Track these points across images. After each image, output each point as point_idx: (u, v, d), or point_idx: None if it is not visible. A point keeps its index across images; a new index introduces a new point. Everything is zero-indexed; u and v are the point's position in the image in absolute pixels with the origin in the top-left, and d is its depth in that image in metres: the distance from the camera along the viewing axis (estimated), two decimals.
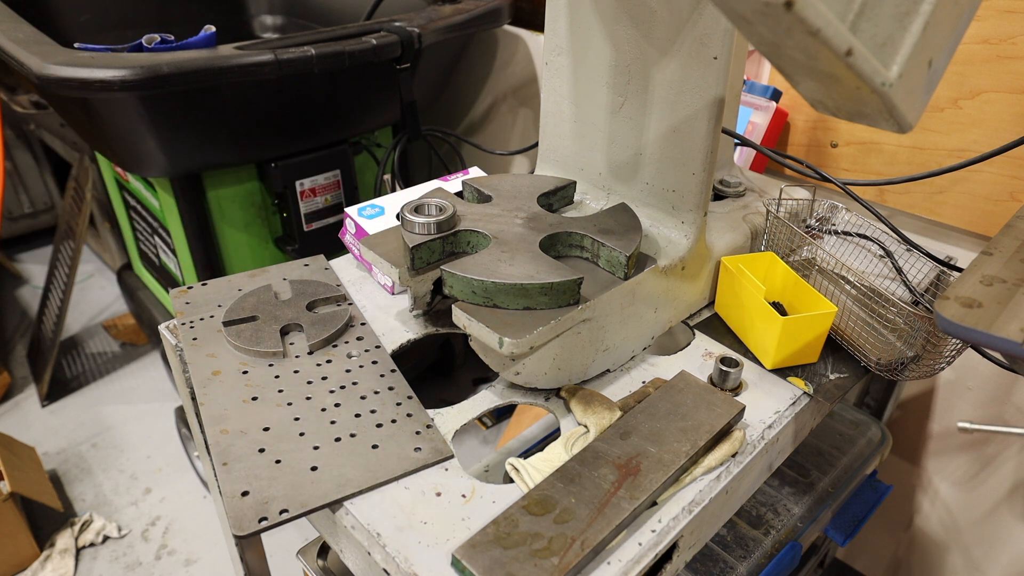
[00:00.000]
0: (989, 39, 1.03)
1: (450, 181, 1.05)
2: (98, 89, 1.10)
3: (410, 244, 0.77)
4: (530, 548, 0.59)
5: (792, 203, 1.01)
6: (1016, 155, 1.03)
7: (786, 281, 0.90)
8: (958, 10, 0.47)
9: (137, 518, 1.75)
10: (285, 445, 0.70)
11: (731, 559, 1.01)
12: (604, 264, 0.80)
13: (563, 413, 0.78)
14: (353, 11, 1.87)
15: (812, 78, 0.47)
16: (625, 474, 0.66)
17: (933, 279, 1.01)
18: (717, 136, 0.81)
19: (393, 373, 0.81)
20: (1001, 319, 0.51)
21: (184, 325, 0.87)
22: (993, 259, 0.61)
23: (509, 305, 0.73)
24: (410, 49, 1.37)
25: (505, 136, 1.87)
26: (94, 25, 1.81)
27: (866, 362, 0.85)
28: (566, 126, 0.95)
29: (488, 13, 1.54)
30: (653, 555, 0.63)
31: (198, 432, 0.92)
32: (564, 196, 0.94)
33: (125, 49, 1.21)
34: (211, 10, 1.97)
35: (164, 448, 1.94)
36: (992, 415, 1.21)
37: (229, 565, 1.63)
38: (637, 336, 0.85)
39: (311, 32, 1.32)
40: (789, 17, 0.40)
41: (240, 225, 1.53)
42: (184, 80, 1.14)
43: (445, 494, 0.67)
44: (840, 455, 1.17)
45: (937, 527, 1.37)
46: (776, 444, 0.78)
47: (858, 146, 1.22)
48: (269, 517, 0.63)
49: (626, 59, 0.83)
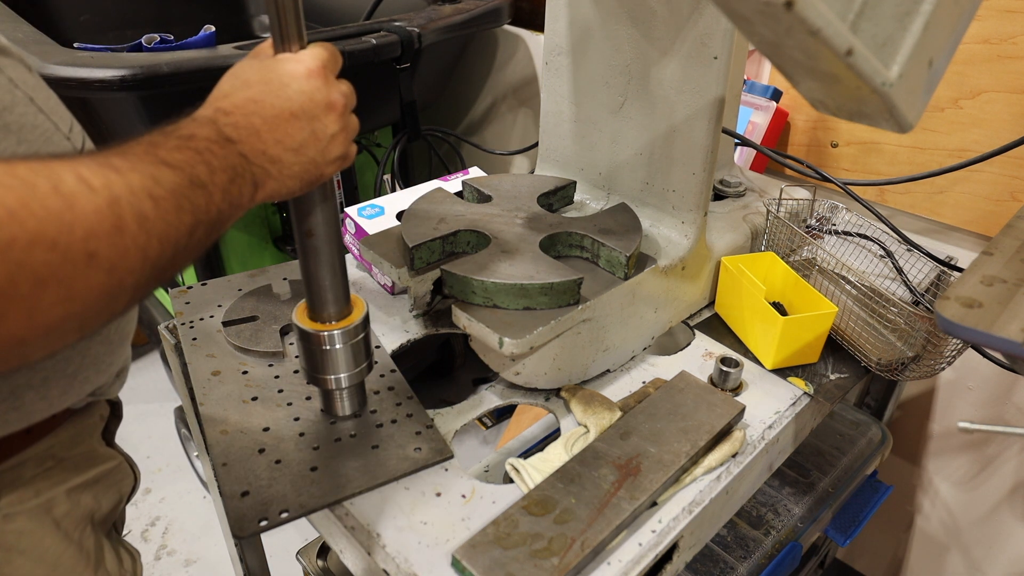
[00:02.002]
0: (989, 39, 1.02)
1: (450, 181, 1.05)
2: (98, 89, 1.10)
3: (410, 244, 0.76)
4: (530, 548, 0.59)
5: (792, 203, 1.01)
6: (1016, 155, 1.03)
7: (786, 281, 0.90)
8: (958, 10, 0.47)
9: (137, 518, 1.75)
10: (285, 445, 0.70)
11: (731, 559, 1.01)
12: (604, 264, 0.80)
13: (563, 413, 0.78)
14: (353, 11, 1.86)
15: (812, 78, 0.47)
16: (625, 474, 0.66)
17: (933, 279, 1.01)
18: (717, 136, 0.81)
19: (393, 373, 0.80)
20: (1001, 319, 0.51)
21: (184, 325, 0.87)
22: (993, 259, 0.61)
23: (509, 305, 0.73)
24: (410, 49, 1.37)
25: (505, 136, 1.87)
26: (94, 25, 1.81)
27: (866, 362, 0.85)
28: (566, 126, 0.95)
29: (488, 13, 1.54)
30: (653, 555, 0.63)
31: (198, 432, 0.92)
32: (564, 196, 0.94)
33: (125, 49, 1.21)
34: (211, 10, 1.97)
35: (164, 448, 1.94)
36: (992, 415, 1.21)
37: (229, 565, 1.63)
38: (637, 336, 0.85)
39: (311, 32, 1.32)
40: (789, 17, 0.40)
41: (240, 225, 1.53)
42: (184, 80, 1.14)
43: (445, 494, 0.67)
44: (840, 455, 1.17)
45: (937, 527, 1.36)
46: (776, 444, 0.77)
47: (858, 146, 1.21)
48: (269, 517, 0.63)
49: (626, 59, 0.83)
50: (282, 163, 0.52)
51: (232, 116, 0.50)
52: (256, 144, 0.50)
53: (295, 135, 0.52)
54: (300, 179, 0.54)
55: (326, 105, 0.54)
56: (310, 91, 0.53)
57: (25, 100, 0.53)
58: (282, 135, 0.52)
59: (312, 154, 0.54)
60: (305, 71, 0.53)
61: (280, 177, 0.52)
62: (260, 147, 0.50)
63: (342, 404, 0.72)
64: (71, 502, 0.61)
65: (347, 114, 0.57)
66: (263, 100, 0.51)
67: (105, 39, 1.73)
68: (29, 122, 0.53)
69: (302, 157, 0.53)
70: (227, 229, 0.50)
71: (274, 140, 0.51)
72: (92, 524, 0.64)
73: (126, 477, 0.70)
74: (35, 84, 0.56)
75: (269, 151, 0.51)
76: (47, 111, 0.55)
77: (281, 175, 0.52)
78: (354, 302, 0.68)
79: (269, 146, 0.51)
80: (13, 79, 0.53)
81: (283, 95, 0.52)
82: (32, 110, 0.53)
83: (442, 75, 1.72)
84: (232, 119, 0.50)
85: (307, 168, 0.54)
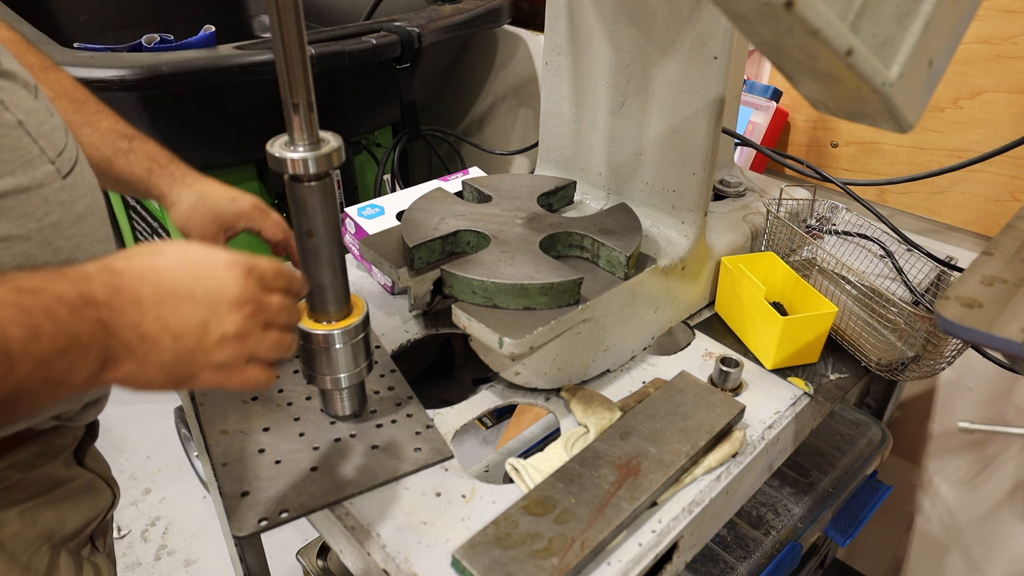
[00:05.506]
0: (989, 39, 1.02)
1: (450, 181, 1.05)
2: (98, 89, 1.09)
3: (410, 244, 0.76)
4: (530, 548, 0.59)
5: (792, 203, 1.01)
6: (1016, 155, 1.03)
7: (786, 281, 0.90)
8: (958, 10, 0.47)
9: (137, 518, 1.75)
10: (285, 445, 0.70)
11: (731, 559, 1.01)
12: (604, 264, 0.80)
13: (563, 413, 0.78)
14: (353, 11, 1.86)
15: (813, 78, 0.47)
16: (625, 474, 0.66)
17: (934, 279, 1.01)
18: (717, 136, 0.81)
19: (393, 373, 0.81)
20: (1002, 319, 0.51)
21: None
22: (994, 259, 0.61)
23: (509, 305, 0.73)
24: (410, 49, 1.37)
25: (505, 136, 1.87)
26: (94, 25, 1.81)
27: (866, 362, 0.85)
28: (566, 126, 0.95)
29: (488, 13, 1.54)
30: (653, 555, 0.63)
31: (198, 432, 0.92)
32: (564, 196, 0.94)
33: (125, 49, 1.21)
34: (211, 10, 1.97)
35: (164, 448, 1.93)
36: (992, 415, 1.21)
37: (229, 565, 1.63)
38: (637, 336, 0.85)
39: (311, 32, 1.32)
40: (789, 17, 0.40)
41: None
42: (184, 80, 1.14)
43: (445, 494, 0.67)
44: (840, 455, 1.17)
45: (937, 527, 1.36)
46: (776, 444, 0.77)
47: (858, 146, 1.21)
48: (269, 517, 0.63)
49: (626, 59, 0.83)
50: (154, 345, 0.46)
51: (120, 277, 0.45)
52: (132, 315, 0.45)
53: (182, 319, 0.46)
54: (168, 372, 0.47)
55: (233, 302, 0.48)
56: (223, 280, 0.48)
57: (12, 123, 0.52)
58: (168, 314, 0.46)
59: (191, 347, 0.47)
60: (227, 261, 0.49)
61: (144, 361, 0.45)
62: (135, 319, 0.45)
63: (342, 404, 0.72)
64: (25, 522, 0.59)
65: (257, 328, 0.50)
66: (167, 271, 0.47)
67: (105, 39, 1.73)
68: (11, 144, 0.52)
69: (179, 346, 0.46)
70: (41, 408, 0.44)
71: (156, 316, 0.45)
72: (50, 543, 0.61)
73: (101, 494, 0.68)
74: (32, 108, 0.55)
75: (144, 327, 0.45)
76: (36, 136, 0.54)
77: (147, 359, 0.45)
78: (354, 302, 0.68)
79: (147, 322, 0.45)
80: (5, 101, 0.52)
81: (191, 273, 0.47)
82: (18, 133, 0.53)
83: (442, 75, 1.72)
84: (117, 280, 0.45)
85: (180, 360, 0.47)
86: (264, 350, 0.51)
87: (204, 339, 0.47)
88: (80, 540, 0.66)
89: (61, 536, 0.63)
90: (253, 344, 0.50)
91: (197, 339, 0.47)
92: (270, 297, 0.51)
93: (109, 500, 0.70)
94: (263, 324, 0.50)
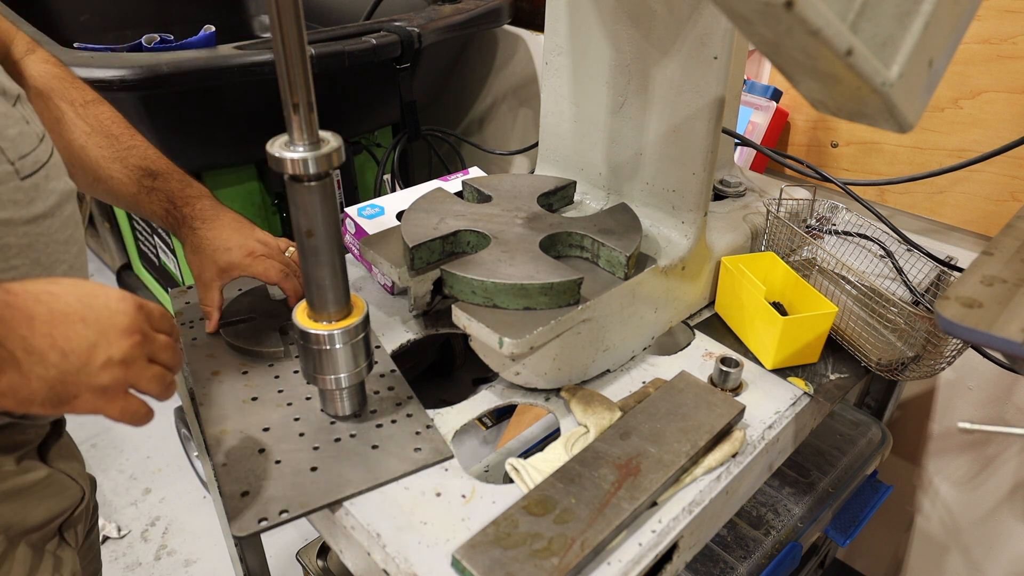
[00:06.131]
0: (989, 39, 1.02)
1: (450, 181, 1.05)
2: (98, 89, 1.09)
3: (410, 244, 0.76)
4: (530, 548, 0.59)
5: (792, 203, 1.01)
6: (1016, 155, 1.03)
7: (786, 281, 0.90)
8: (958, 10, 0.47)
9: (137, 518, 1.75)
10: (285, 445, 0.70)
11: (731, 559, 1.01)
12: (604, 264, 0.80)
13: (563, 413, 0.78)
14: (353, 11, 1.86)
15: (813, 78, 0.47)
16: (625, 474, 0.66)
17: (934, 279, 1.01)
18: (717, 136, 0.81)
19: (393, 373, 0.81)
20: (1002, 319, 0.51)
21: (184, 325, 0.87)
22: (994, 259, 0.61)
23: (509, 305, 0.73)
24: (410, 49, 1.37)
25: (505, 136, 1.87)
26: (94, 25, 1.81)
27: (866, 362, 0.85)
28: (566, 126, 0.95)
29: (488, 13, 1.54)
30: (653, 555, 0.63)
31: (198, 432, 0.92)
32: (564, 196, 0.94)
33: (125, 49, 1.21)
34: (211, 10, 1.97)
35: (164, 448, 1.93)
36: (992, 415, 1.21)
37: (229, 565, 1.63)
38: (637, 336, 0.85)
39: (311, 32, 1.32)
40: (789, 17, 0.40)
41: None
42: (184, 80, 1.14)
43: (445, 494, 0.67)
44: (840, 455, 1.17)
45: (937, 527, 1.36)
46: (776, 444, 0.77)
47: (858, 146, 1.21)
48: (269, 517, 0.63)
49: (626, 59, 0.83)
50: (40, 360, 0.47)
51: (14, 296, 0.47)
52: (21, 329, 0.47)
53: (72, 338, 0.48)
54: (49, 388, 0.48)
55: (124, 329, 0.50)
56: (115, 309, 0.51)
57: None
58: (58, 333, 0.48)
59: (77, 366, 0.49)
60: (120, 295, 0.52)
61: (28, 374, 0.47)
62: (24, 333, 0.47)
63: (342, 404, 0.72)
64: None
65: (142, 358, 0.52)
66: (61, 295, 0.49)
67: (105, 39, 1.73)
68: None
69: (65, 364, 0.48)
70: None
71: (46, 333, 0.48)
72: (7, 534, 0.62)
73: (66, 490, 0.69)
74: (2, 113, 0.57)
75: (33, 341, 0.47)
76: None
77: (30, 372, 0.47)
78: (354, 302, 0.68)
79: (36, 337, 0.47)
80: None
81: (84, 300, 0.50)
82: None
83: (442, 75, 1.72)
84: (11, 298, 0.47)
85: (64, 378, 0.48)
86: (145, 381, 0.53)
87: (90, 360, 0.49)
88: (45, 533, 0.67)
89: (21, 528, 0.64)
90: (136, 373, 0.52)
91: (84, 359, 0.49)
92: (157, 334, 0.53)
93: (77, 496, 0.71)
94: (148, 356, 0.53)
